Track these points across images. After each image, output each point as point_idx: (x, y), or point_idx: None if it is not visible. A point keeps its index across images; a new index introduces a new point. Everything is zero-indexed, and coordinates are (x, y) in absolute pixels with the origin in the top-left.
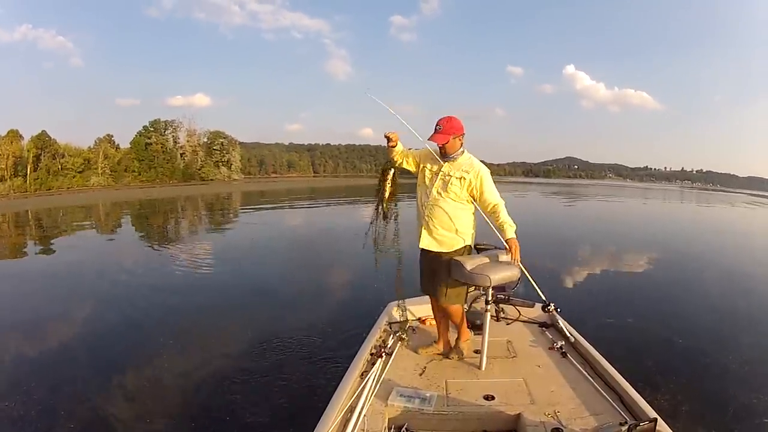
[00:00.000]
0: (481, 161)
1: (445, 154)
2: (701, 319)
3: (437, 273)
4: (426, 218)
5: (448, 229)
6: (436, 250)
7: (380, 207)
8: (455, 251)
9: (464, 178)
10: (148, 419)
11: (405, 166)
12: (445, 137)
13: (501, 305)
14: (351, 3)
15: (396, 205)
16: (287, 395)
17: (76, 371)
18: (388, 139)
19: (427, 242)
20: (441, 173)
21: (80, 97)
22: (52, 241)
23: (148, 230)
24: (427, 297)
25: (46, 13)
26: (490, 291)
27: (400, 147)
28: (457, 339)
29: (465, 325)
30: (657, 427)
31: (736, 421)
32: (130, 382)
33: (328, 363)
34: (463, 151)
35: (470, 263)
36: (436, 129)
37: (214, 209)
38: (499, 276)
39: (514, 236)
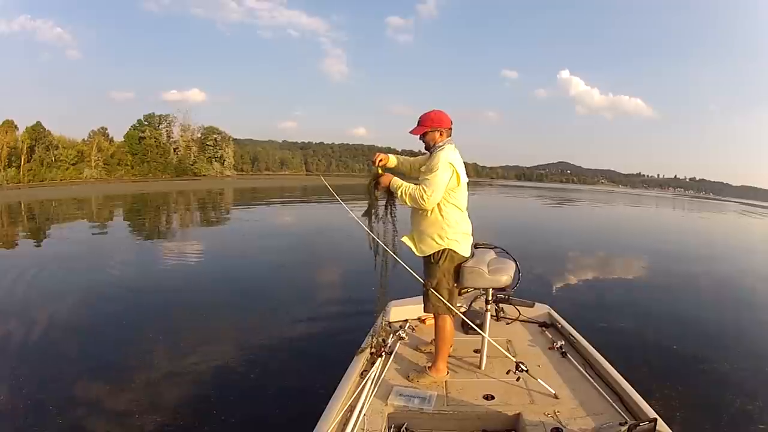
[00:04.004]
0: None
1: (426, 149)
2: (700, 323)
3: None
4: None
5: (420, 230)
6: (416, 253)
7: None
8: (430, 255)
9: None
10: (142, 417)
11: (414, 174)
12: (420, 129)
13: (501, 305)
14: (349, 2)
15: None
16: (287, 394)
17: (64, 366)
18: (380, 162)
19: (410, 243)
20: (421, 171)
21: (76, 89)
22: (42, 233)
23: (140, 225)
24: None
25: (45, 4)
26: (490, 290)
27: (393, 161)
28: (430, 367)
29: (444, 353)
30: (657, 428)
31: (734, 422)
32: (121, 379)
33: (328, 362)
34: (443, 146)
35: (468, 263)
36: (417, 122)
37: (207, 205)
38: (498, 276)
39: (392, 185)
